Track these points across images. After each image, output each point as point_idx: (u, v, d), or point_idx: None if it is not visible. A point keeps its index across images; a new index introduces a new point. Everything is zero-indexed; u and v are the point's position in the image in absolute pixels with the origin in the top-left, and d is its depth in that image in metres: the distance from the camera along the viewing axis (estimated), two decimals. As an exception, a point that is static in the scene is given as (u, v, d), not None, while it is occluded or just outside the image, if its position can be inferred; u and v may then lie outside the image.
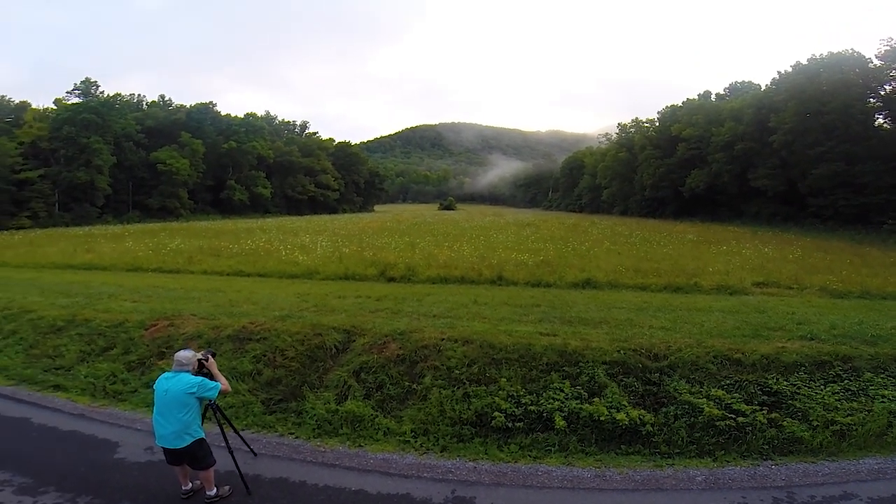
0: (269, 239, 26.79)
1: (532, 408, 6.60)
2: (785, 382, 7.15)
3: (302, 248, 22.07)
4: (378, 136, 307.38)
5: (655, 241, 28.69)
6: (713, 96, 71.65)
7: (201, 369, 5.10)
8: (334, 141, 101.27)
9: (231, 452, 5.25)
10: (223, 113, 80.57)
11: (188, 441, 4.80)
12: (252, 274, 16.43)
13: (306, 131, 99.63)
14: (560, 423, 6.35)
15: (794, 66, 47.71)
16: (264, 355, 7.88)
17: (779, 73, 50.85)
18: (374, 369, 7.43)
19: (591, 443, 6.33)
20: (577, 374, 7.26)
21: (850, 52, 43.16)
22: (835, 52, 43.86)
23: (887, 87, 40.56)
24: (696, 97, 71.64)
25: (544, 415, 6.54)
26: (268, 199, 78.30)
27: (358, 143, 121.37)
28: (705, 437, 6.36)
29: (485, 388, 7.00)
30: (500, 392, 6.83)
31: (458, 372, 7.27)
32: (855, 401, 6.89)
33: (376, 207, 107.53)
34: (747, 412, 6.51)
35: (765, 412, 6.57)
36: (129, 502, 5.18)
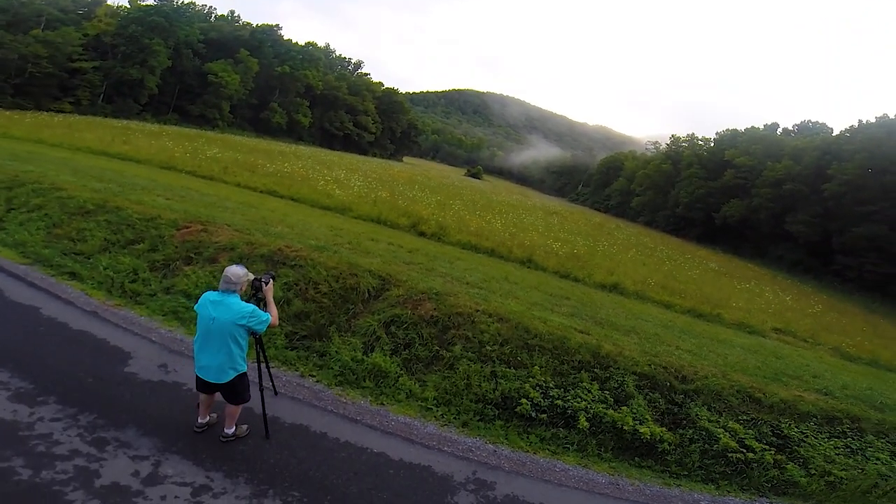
0: (303, 166, 26.58)
1: (559, 402, 6.47)
2: (796, 429, 7.25)
3: (336, 181, 21.83)
4: (424, 90, 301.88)
5: (679, 261, 28.29)
6: (779, 130, 69.15)
7: (256, 293, 4.64)
8: (382, 85, 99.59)
9: (261, 391, 4.91)
10: (286, 38, 79.63)
11: (231, 375, 4.39)
12: (285, 196, 16.29)
13: (359, 70, 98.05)
14: (583, 423, 6.25)
15: (879, 118, 45.57)
16: (296, 284, 7.70)
17: (859, 121, 48.66)
18: (405, 325, 7.25)
19: (609, 449, 6.27)
20: (607, 378, 7.11)
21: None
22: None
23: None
24: (762, 127, 69.15)
25: (569, 412, 6.42)
26: (305, 127, 77.85)
27: (404, 92, 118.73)
28: (715, 465, 6.41)
29: (514, 371, 6.84)
30: (531, 379, 6.67)
31: (489, 348, 7.09)
32: (852, 458, 7.04)
33: (405, 159, 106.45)
34: (757, 449, 6.60)
35: (772, 452, 6.66)
36: (136, 428, 4.68)
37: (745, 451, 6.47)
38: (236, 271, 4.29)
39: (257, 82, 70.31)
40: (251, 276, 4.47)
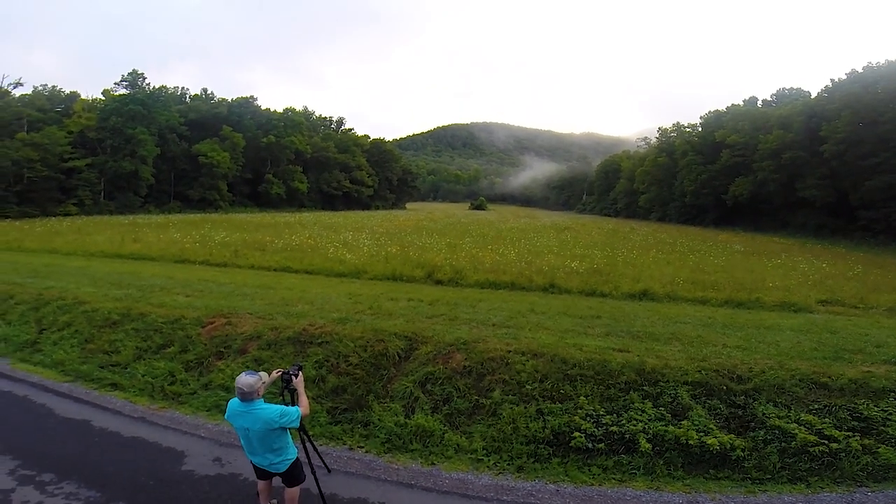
0: (310, 235, 26.92)
1: (613, 428, 6.22)
2: (875, 408, 6.84)
3: (345, 245, 22.03)
4: (410, 134, 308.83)
5: (702, 250, 27.78)
6: (759, 102, 69.18)
7: (287, 385, 4.66)
8: (369, 138, 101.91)
9: (313, 471, 4.90)
10: (263, 107, 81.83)
11: (287, 465, 4.45)
12: (299, 271, 16.39)
13: (342, 127, 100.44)
14: (645, 445, 5.98)
15: (849, 74, 45.71)
16: (327, 360, 7.65)
17: (832, 80, 48.73)
18: (440, 380, 7.12)
19: (678, 467, 5.97)
20: (658, 394, 6.85)
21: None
22: (893, 60, 41.72)
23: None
24: (741, 103, 69.34)
25: (626, 436, 6.17)
26: (304, 193, 79.29)
27: (391, 140, 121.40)
28: (798, 463, 6.06)
29: (560, 405, 6.62)
30: (579, 411, 6.44)
31: (529, 387, 6.90)
32: None
33: (408, 205, 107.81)
34: (839, 438, 6.23)
35: (857, 438, 6.28)
36: (203, 522, 4.88)
37: (826, 442, 6.13)
38: (247, 380, 4.24)
39: (247, 156, 71.72)
40: (264, 378, 4.43)
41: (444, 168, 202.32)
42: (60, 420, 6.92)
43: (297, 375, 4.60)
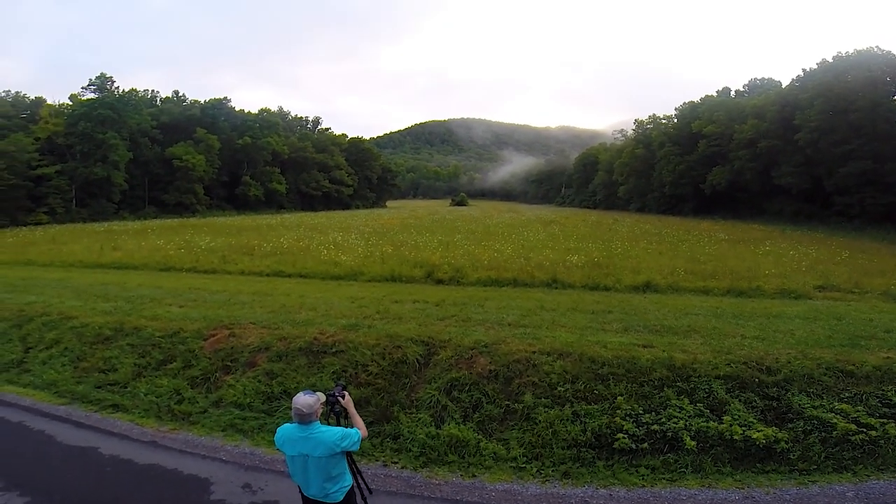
0: (297, 237, 26.27)
1: (655, 427, 6.04)
2: (904, 394, 6.85)
3: (336, 246, 21.50)
4: (387, 132, 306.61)
5: (689, 240, 28.00)
6: (732, 93, 70.38)
7: (332, 408, 4.17)
8: (347, 137, 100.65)
9: (362, 495, 4.42)
10: (237, 108, 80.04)
11: (343, 493, 3.96)
12: (293, 275, 15.86)
13: (319, 127, 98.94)
14: (690, 443, 5.83)
15: (820, 64, 46.62)
16: (345, 371, 7.27)
17: (804, 70, 49.73)
18: (467, 386, 6.82)
19: (726, 463, 5.85)
20: (692, 389, 6.69)
21: (877, 49, 42.07)
22: (861, 49, 42.73)
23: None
24: (715, 94, 70.43)
25: (668, 434, 6.00)
26: (283, 194, 77.90)
27: (369, 139, 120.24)
28: (841, 453, 6.00)
29: (596, 406, 6.40)
30: (618, 411, 6.22)
31: (561, 389, 6.65)
32: None
33: (389, 203, 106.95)
34: (876, 425, 6.20)
35: (893, 425, 6.21)
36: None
37: (865, 430, 6.07)
38: (307, 401, 3.79)
39: (223, 158, 70.05)
40: (323, 397, 3.99)
41: (424, 165, 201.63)
42: (64, 448, 6.39)
43: (343, 397, 4.14)
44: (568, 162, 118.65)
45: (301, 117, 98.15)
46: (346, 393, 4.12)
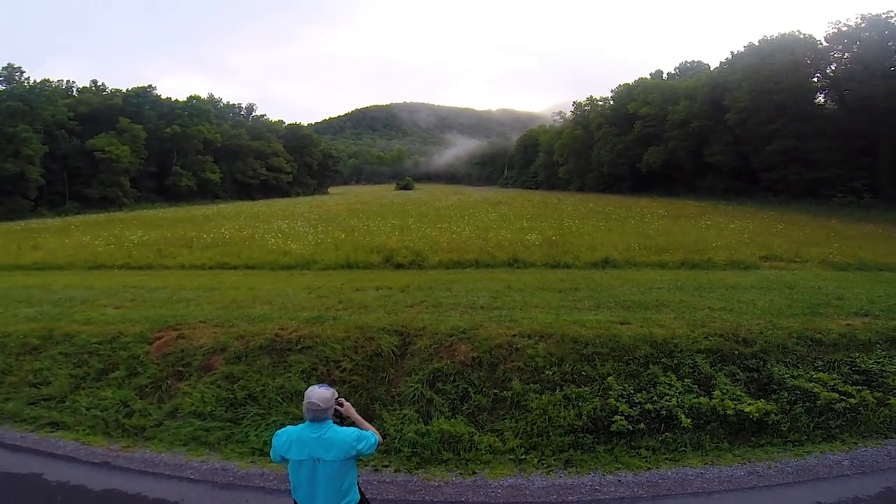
0: (239, 226, 24.74)
1: (648, 406, 5.91)
2: (869, 361, 7.05)
3: (282, 234, 20.36)
4: (327, 118, 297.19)
5: (632, 217, 28.80)
6: (665, 75, 73.08)
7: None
8: (284, 123, 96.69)
9: None
10: (164, 97, 74.74)
11: None
12: (239, 266, 14.77)
13: (253, 114, 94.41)
14: (686, 421, 5.74)
15: (747, 47, 48.98)
16: (314, 369, 6.66)
17: (732, 53, 52.19)
18: (451, 376, 6.41)
19: (722, 438, 5.81)
20: (677, 365, 6.63)
21: (798, 33, 44.64)
22: (785, 33, 45.12)
23: (833, 67, 42.26)
24: (649, 76, 72.84)
25: (663, 413, 5.87)
26: (217, 184, 73.81)
27: (307, 124, 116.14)
28: (828, 422, 6.09)
29: (587, 388, 6.18)
30: (610, 392, 6.03)
31: (548, 373, 6.39)
32: None
33: (331, 189, 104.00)
34: (853, 393, 6.33)
35: (869, 392, 6.39)
36: None
37: (845, 398, 6.17)
38: (323, 394, 3.27)
39: (150, 149, 65.47)
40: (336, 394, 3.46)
41: (366, 150, 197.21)
42: (2, 477, 5.42)
43: (340, 404, 3.59)
44: (510, 144, 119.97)
45: (234, 104, 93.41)
46: (343, 399, 3.57)
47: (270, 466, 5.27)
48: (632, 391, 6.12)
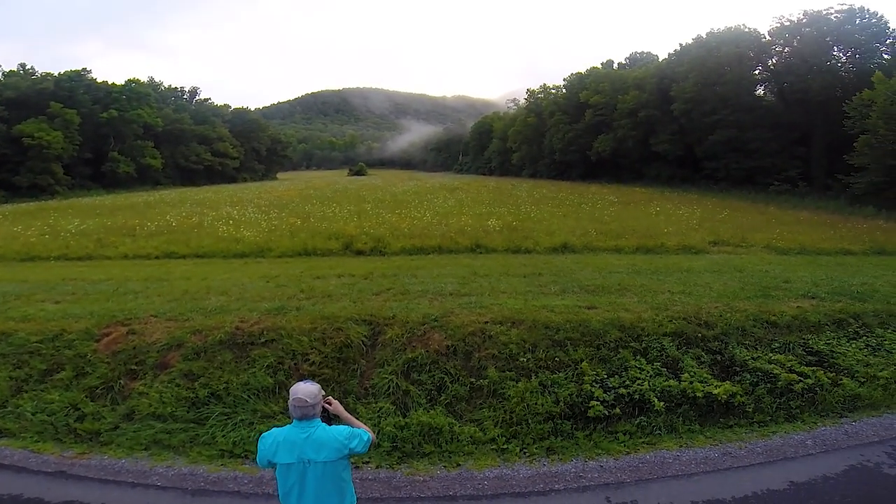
0: (185, 213, 23.49)
1: (622, 391, 5.99)
2: (821, 342, 7.41)
3: (232, 221, 19.47)
4: (275, 103, 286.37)
5: (585, 203, 29.46)
6: (615, 65, 74.69)
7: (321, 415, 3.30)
8: (230, 107, 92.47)
9: None
10: (100, 80, 69.46)
11: None
12: (188, 255, 14.01)
13: (197, 98, 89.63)
14: (658, 404, 5.87)
15: (695, 39, 50.54)
16: (281, 364, 6.35)
17: (680, 45, 53.65)
18: (426, 366, 6.29)
19: (693, 420, 5.97)
20: (645, 349, 6.77)
21: (743, 27, 46.57)
22: (732, 27, 46.94)
23: (774, 61, 44.43)
24: (600, 66, 74.22)
25: (636, 397, 5.98)
26: (158, 170, 69.73)
27: (255, 109, 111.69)
28: (788, 402, 6.34)
29: (562, 374, 6.21)
30: (585, 377, 6.08)
31: (523, 360, 6.38)
32: (879, 355, 7.25)
33: (279, 175, 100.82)
34: (809, 374, 6.59)
35: (823, 372, 6.69)
36: None
37: (802, 378, 6.42)
38: (310, 389, 3.06)
39: (84, 134, 61.02)
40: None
41: (317, 135, 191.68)
42: None
43: (329, 402, 3.36)
44: (465, 130, 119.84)
45: (176, 87, 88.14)
46: (331, 397, 3.36)
47: (243, 469, 5.00)
48: (605, 376, 6.20)
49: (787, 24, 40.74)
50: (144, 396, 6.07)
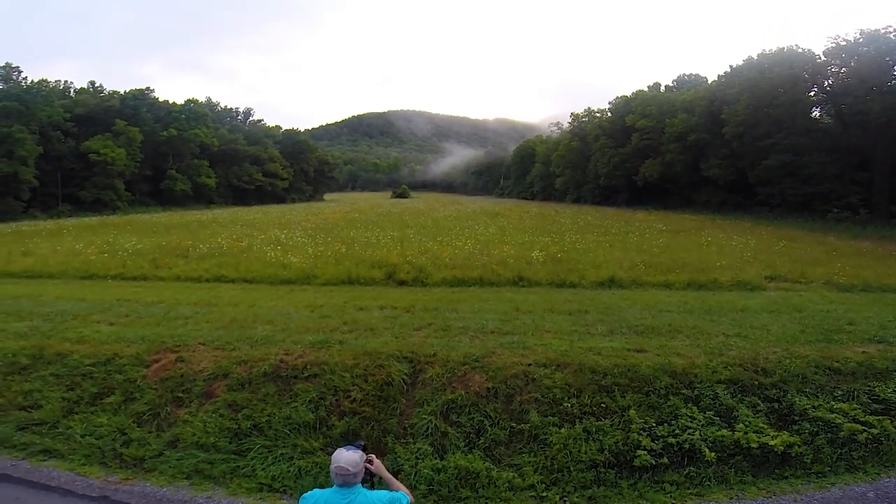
0: (235, 235, 24.37)
1: (671, 440, 5.70)
2: (888, 390, 6.92)
3: (280, 245, 20.03)
4: (323, 124, 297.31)
5: (632, 231, 28.65)
6: (662, 88, 73.56)
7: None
8: (281, 128, 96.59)
9: None
10: (161, 99, 74.27)
11: None
12: (237, 280, 14.44)
13: (251, 118, 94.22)
14: (709, 455, 5.57)
15: (746, 61, 49.33)
16: (323, 399, 6.36)
17: (730, 66, 52.49)
18: (465, 408, 6.15)
19: (746, 471, 5.64)
20: (697, 397, 6.42)
21: (797, 47, 45.07)
22: (784, 48, 45.50)
23: (830, 82, 42.64)
24: (646, 88, 73.27)
25: (686, 446, 5.67)
26: (212, 189, 73.36)
27: (304, 130, 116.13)
28: (850, 453, 5.95)
29: (608, 421, 5.95)
30: (632, 425, 5.81)
31: (567, 404, 6.15)
32: None
33: (326, 196, 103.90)
34: (874, 423, 6.20)
35: (890, 421, 6.26)
36: None
37: (866, 428, 6.04)
38: (352, 458, 3.04)
39: (146, 152, 65.05)
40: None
41: (362, 157, 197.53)
42: None
43: (370, 462, 3.32)
44: (506, 154, 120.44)
45: (231, 108, 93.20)
46: (373, 456, 3.31)
47: (281, 503, 4.99)
48: (653, 424, 5.91)
49: (843, 43, 39.16)
50: (189, 425, 6.19)
